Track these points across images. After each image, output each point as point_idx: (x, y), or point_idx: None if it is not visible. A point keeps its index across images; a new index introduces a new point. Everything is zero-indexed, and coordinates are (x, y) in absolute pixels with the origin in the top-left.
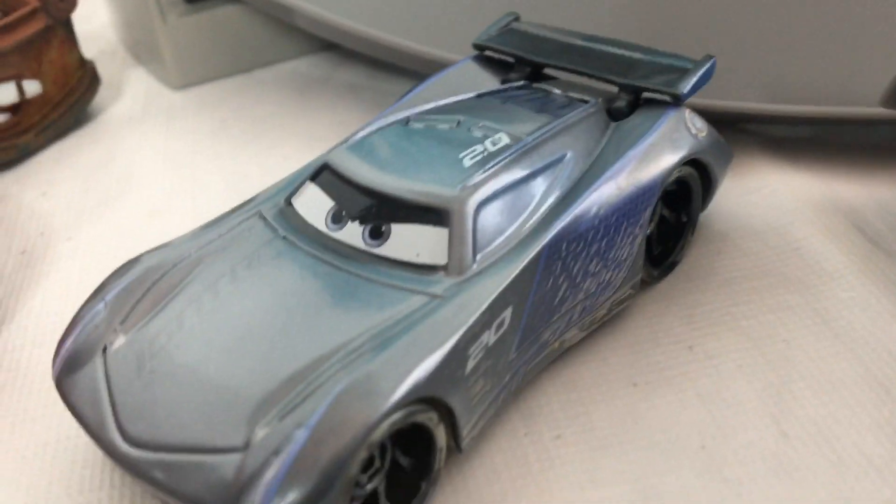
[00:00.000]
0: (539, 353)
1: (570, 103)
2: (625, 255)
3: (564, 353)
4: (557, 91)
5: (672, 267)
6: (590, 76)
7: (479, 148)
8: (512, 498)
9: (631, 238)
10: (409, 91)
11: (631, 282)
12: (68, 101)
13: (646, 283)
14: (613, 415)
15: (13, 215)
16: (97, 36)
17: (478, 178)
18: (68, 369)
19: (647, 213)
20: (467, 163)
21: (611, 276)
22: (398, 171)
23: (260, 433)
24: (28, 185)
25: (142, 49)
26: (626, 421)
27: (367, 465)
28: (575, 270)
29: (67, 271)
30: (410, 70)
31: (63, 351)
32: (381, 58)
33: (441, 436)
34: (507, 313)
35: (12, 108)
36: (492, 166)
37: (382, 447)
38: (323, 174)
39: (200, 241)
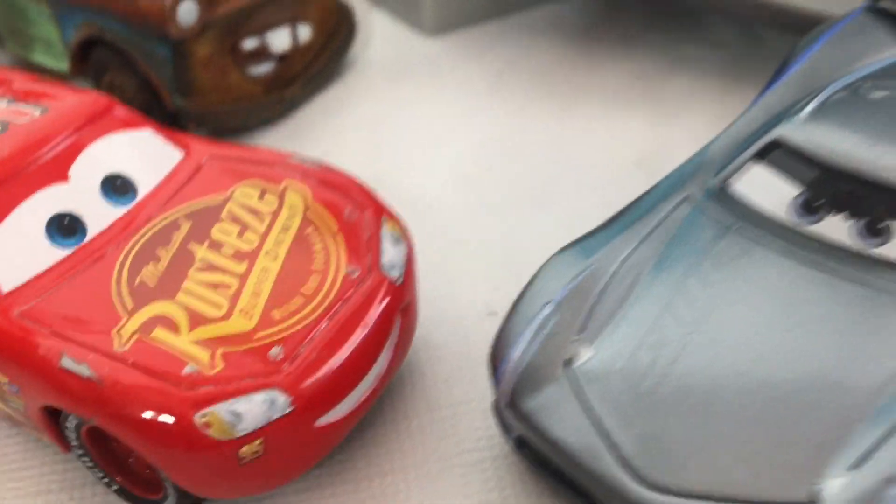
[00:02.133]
0: None
1: None
2: None
3: None
4: None
5: None
6: None
7: None
8: None
9: None
10: (800, 55)
11: None
12: (330, 48)
13: None
14: None
15: None
16: None
17: None
18: (525, 385)
19: None
20: None
21: None
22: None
23: (833, 485)
24: (304, 144)
25: None
26: None
27: None
28: None
29: None
30: (702, 13)
31: (511, 362)
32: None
33: None
34: None
35: (281, 57)
36: None
37: None
38: (775, 153)
39: (631, 236)
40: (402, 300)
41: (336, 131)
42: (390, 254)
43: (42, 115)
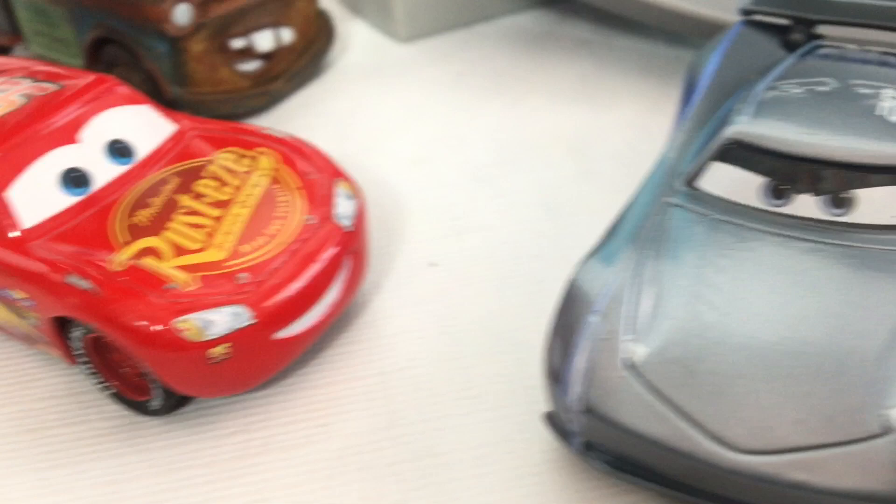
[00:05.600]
0: None
1: None
2: None
3: None
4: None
5: None
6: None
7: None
8: None
9: None
10: (704, 67)
11: None
12: (311, 50)
13: None
14: None
15: None
16: None
17: None
18: (595, 390)
19: None
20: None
21: None
22: (840, 136)
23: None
24: (285, 129)
25: (366, 2)
26: None
27: None
28: None
29: None
30: (639, 24)
31: (575, 371)
32: (619, 12)
33: None
34: None
35: (266, 56)
36: None
37: None
38: (732, 151)
39: (639, 244)
40: (351, 244)
41: (313, 120)
42: (342, 207)
43: (57, 90)
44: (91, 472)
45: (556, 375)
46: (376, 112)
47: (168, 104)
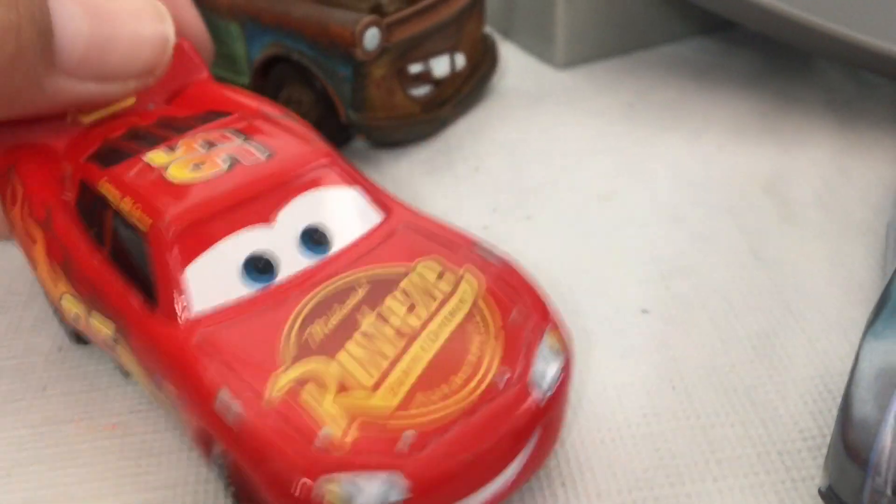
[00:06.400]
0: None
1: None
2: None
3: None
4: None
5: None
6: None
7: None
8: None
9: None
10: None
11: None
12: (476, 75)
13: None
14: None
15: (453, 187)
16: None
17: None
18: None
19: None
20: None
21: None
22: None
23: None
24: (454, 158)
25: (521, 25)
26: None
27: None
28: None
29: (523, 250)
30: (798, 61)
31: (885, 451)
32: (793, 42)
33: None
34: None
35: (436, 81)
36: None
37: None
38: None
39: None
40: (543, 415)
41: (481, 149)
42: (542, 367)
43: (267, 161)
44: None
45: (858, 454)
46: (549, 142)
47: (340, 128)
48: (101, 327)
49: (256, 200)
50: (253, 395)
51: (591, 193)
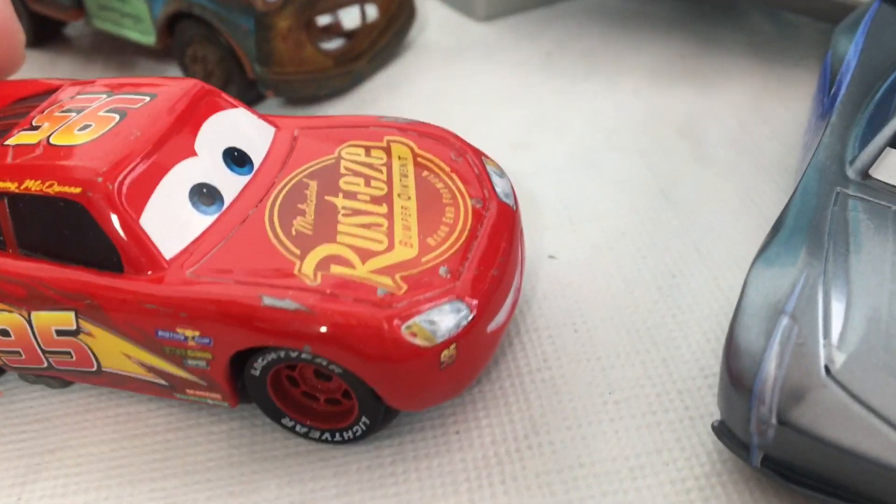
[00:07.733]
0: None
1: None
2: None
3: None
4: None
5: None
6: None
7: None
8: None
9: None
10: (845, 51)
11: None
12: (392, 28)
13: None
14: None
15: None
16: None
17: None
18: (791, 399)
19: None
20: None
21: None
22: None
23: None
24: (371, 111)
25: None
26: None
27: None
28: None
29: None
30: (722, 4)
31: (768, 379)
32: None
33: None
34: None
35: (349, 34)
36: None
37: None
38: None
39: (815, 239)
40: (520, 222)
41: (399, 103)
42: (500, 185)
43: (153, 101)
44: (209, 481)
45: (742, 383)
46: (467, 94)
47: (249, 85)
48: (52, 323)
49: (170, 137)
50: (296, 290)
51: (504, 142)
